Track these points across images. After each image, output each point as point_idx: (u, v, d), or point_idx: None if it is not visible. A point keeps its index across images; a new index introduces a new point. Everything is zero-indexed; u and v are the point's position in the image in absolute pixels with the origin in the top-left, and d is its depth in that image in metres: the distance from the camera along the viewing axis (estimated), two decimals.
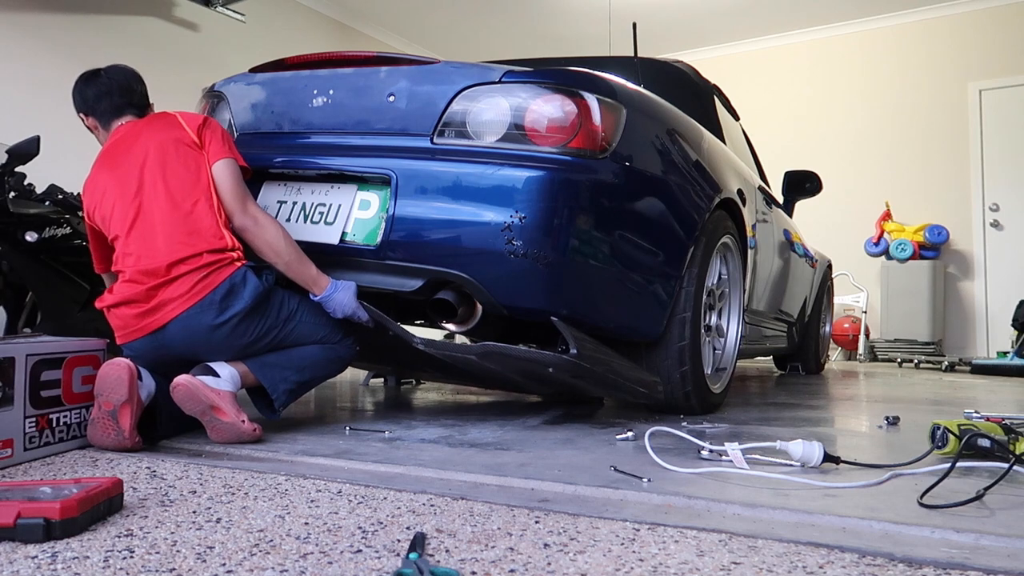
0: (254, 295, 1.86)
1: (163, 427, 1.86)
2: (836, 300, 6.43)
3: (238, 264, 1.88)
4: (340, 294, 1.98)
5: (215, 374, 1.83)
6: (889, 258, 6.74)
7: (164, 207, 1.89)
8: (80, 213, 3.37)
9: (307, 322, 1.99)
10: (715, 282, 2.55)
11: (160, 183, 1.91)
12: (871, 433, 2.17)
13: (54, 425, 1.70)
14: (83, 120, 2.18)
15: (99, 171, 2.02)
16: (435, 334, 4.88)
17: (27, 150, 3.08)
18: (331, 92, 2.19)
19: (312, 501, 1.30)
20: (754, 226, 2.96)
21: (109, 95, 2.12)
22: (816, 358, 4.84)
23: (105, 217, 1.95)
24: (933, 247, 6.69)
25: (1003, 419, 1.98)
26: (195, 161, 1.96)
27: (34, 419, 1.64)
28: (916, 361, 5.99)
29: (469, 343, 2.13)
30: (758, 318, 3.34)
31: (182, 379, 1.77)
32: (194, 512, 1.22)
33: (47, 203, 3.28)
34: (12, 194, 3.16)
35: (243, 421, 1.81)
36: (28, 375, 1.64)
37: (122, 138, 2.05)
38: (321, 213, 2.11)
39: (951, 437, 1.64)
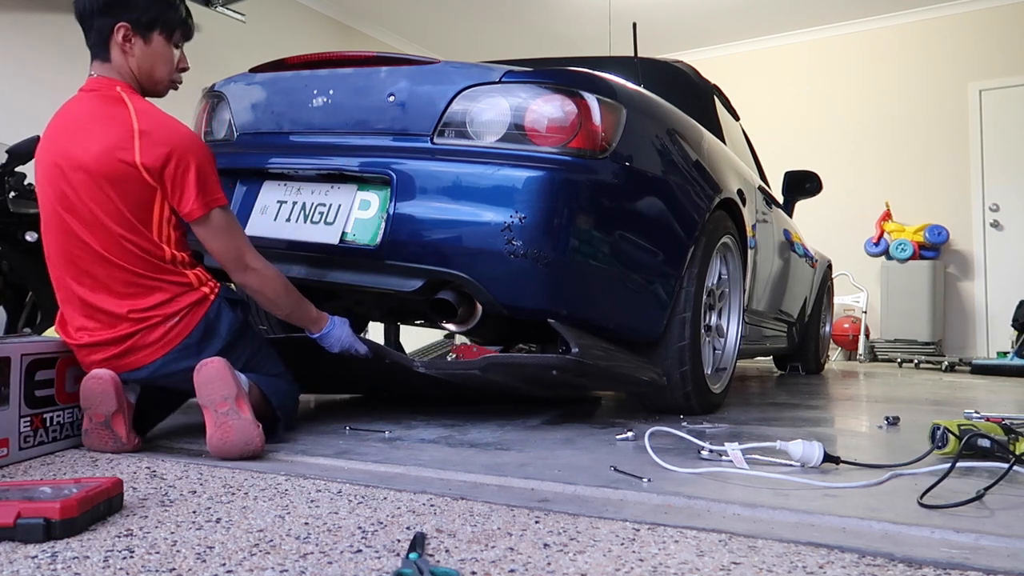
0: (230, 331, 1.75)
1: (151, 420, 1.84)
2: (836, 300, 6.42)
3: (212, 298, 1.74)
4: (338, 329, 1.93)
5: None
6: (889, 258, 6.74)
7: (110, 241, 1.66)
8: None
9: (269, 353, 1.89)
10: (715, 282, 2.55)
11: (98, 210, 1.65)
12: (871, 433, 2.17)
13: (48, 424, 1.70)
14: None
15: (45, 145, 1.74)
16: (435, 334, 4.89)
17: (27, 150, 3.08)
18: (331, 92, 2.19)
19: (312, 501, 1.30)
20: (754, 226, 2.96)
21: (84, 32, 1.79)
22: (816, 358, 4.84)
23: (41, 207, 1.73)
24: (933, 247, 6.69)
25: (1003, 419, 1.98)
26: (143, 196, 1.66)
27: (29, 418, 1.64)
28: (916, 361, 5.99)
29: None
30: (758, 318, 3.34)
31: (215, 360, 1.63)
32: (194, 512, 1.22)
33: None
34: (12, 194, 3.16)
35: (258, 424, 1.64)
36: (23, 374, 1.64)
37: (71, 114, 1.72)
38: (321, 213, 2.11)
39: (951, 437, 1.64)
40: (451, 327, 2.20)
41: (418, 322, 2.57)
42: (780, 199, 4.04)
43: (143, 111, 1.69)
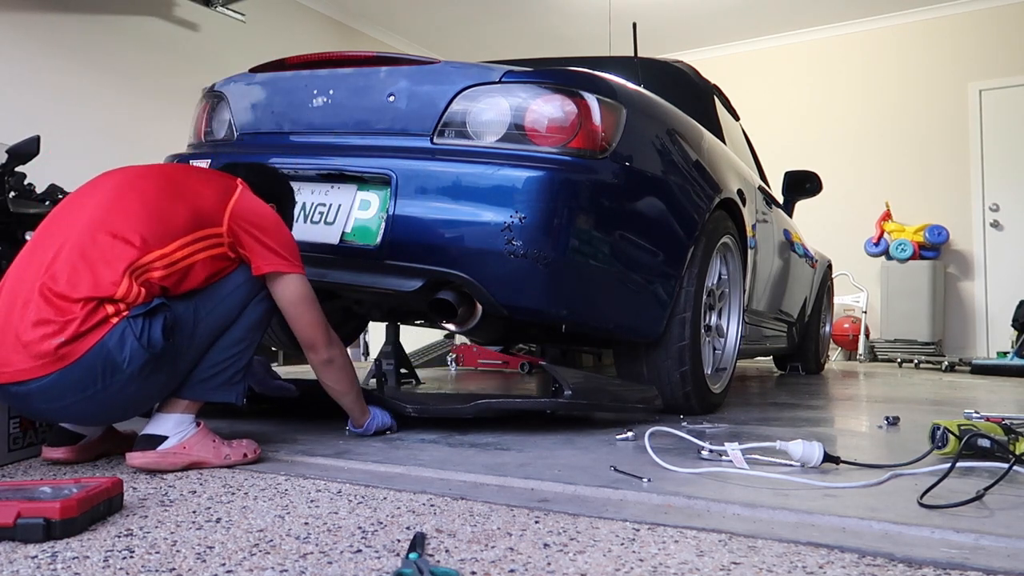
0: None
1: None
2: (836, 300, 6.42)
3: (114, 321, 1.42)
4: (379, 418, 1.94)
5: (161, 438, 1.53)
6: (889, 258, 6.74)
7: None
8: None
9: (212, 316, 1.57)
10: (715, 282, 2.55)
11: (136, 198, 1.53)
12: (871, 433, 2.17)
13: (38, 426, 1.69)
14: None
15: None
16: (435, 334, 4.89)
17: (27, 150, 3.08)
18: (331, 92, 2.19)
19: (312, 501, 1.30)
20: (754, 226, 2.96)
21: None
22: (816, 358, 4.84)
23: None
24: (933, 247, 6.69)
25: (1003, 419, 1.98)
26: (188, 224, 1.53)
27: (17, 419, 1.64)
28: (916, 361, 5.99)
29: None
30: (758, 318, 3.34)
31: (137, 461, 1.51)
32: (194, 512, 1.22)
33: (47, 203, 3.28)
34: (12, 194, 3.16)
35: (227, 456, 1.58)
36: None
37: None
38: (321, 213, 2.11)
39: (951, 437, 1.64)
40: (451, 327, 2.20)
41: (418, 322, 2.58)
42: (780, 199, 4.04)
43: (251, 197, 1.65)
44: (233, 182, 1.66)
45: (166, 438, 1.54)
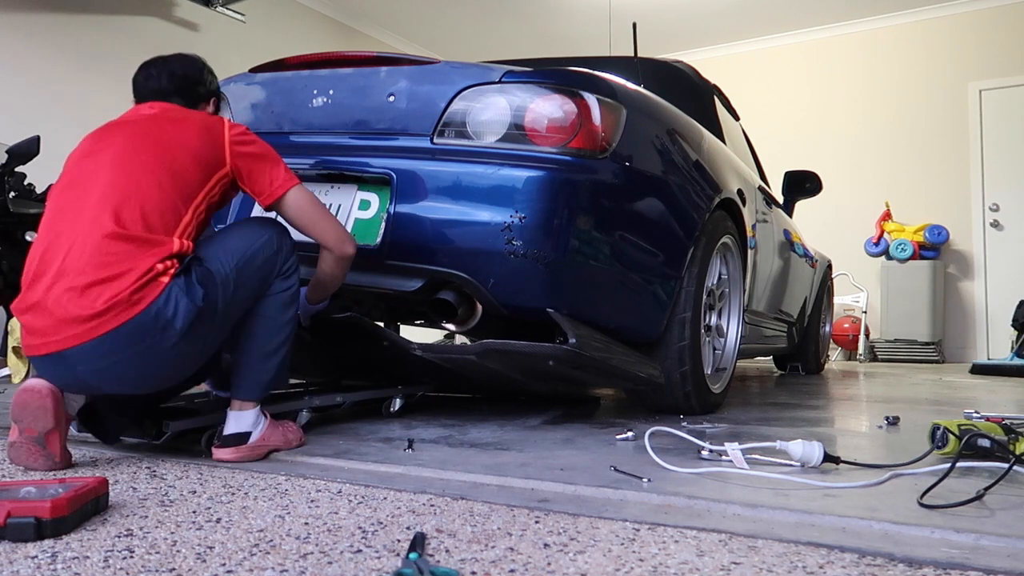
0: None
1: (113, 429, 1.72)
2: (836, 300, 6.42)
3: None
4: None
5: (247, 434, 1.62)
6: (889, 258, 6.74)
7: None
8: None
9: (249, 277, 1.61)
10: (715, 282, 2.55)
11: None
12: (871, 433, 2.17)
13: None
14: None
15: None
16: (435, 335, 4.89)
17: (27, 150, 3.09)
18: (331, 92, 2.19)
19: (312, 501, 1.30)
20: (754, 226, 2.96)
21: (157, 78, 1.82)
22: (816, 358, 4.84)
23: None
24: (933, 247, 6.69)
25: (1003, 419, 1.98)
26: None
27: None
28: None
29: (470, 339, 2.13)
30: (758, 318, 3.34)
31: (229, 456, 1.61)
32: (194, 512, 1.22)
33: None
34: (12, 194, 3.16)
35: (291, 441, 1.73)
36: None
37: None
38: None
39: (951, 437, 1.64)
40: (451, 327, 2.20)
41: (418, 322, 2.58)
42: (780, 199, 4.04)
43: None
44: (212, 118, 1.70)
45: (250, 433, 1.64)
